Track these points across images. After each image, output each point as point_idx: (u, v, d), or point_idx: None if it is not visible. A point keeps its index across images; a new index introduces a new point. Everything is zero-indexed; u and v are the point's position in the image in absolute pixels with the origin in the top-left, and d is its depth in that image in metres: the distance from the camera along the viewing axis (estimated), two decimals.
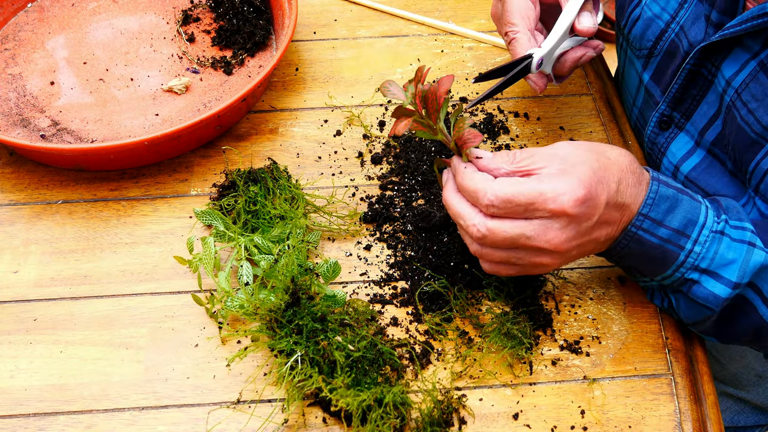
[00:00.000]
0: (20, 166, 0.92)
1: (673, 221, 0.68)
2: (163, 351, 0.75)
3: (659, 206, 0.67)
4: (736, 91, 0.75)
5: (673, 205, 0.68)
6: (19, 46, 1.04)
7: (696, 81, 0.81)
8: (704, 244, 0.68)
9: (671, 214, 0.68)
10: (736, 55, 0.75)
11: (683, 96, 0.83)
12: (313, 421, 0.70)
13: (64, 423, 0.70)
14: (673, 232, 0.68)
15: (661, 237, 0.68)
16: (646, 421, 0.71)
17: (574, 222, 0.64)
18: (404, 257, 0.82)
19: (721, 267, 0.68)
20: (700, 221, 0.68)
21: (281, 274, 0.74)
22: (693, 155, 0.84)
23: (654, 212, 0.67)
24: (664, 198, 0.68)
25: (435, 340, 0.75)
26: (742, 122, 0.74)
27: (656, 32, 0.86)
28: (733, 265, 0.68)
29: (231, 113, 0.92)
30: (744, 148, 0.75)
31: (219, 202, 0.84)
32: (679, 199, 0.68)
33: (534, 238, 0.65)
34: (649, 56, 0.89)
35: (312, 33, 1.09)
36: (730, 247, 0.68)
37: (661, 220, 0.67)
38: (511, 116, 0.97)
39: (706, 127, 0.82)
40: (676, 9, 0.84)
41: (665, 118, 0.86)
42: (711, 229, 0.68)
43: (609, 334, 0.77)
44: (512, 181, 0.65)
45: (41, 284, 0.80)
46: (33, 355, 0.75)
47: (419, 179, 0.89)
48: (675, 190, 0.69)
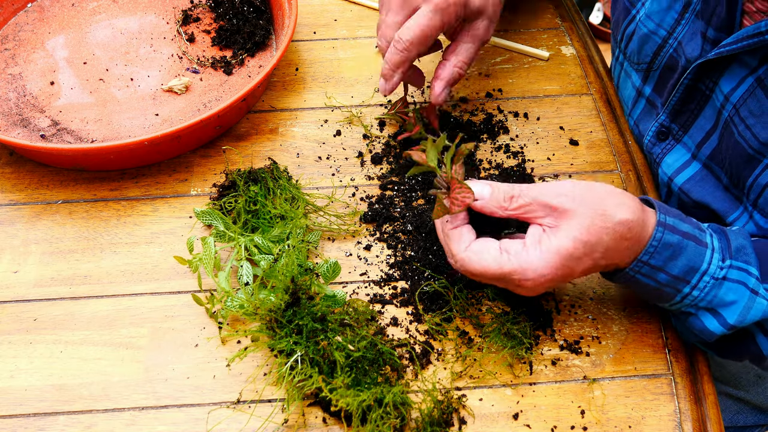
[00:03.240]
0: (20, 166, 0.92)
1: (674, 268, 0.66)
2: (163, 351, 0.75)
3: (661, 254, 0.66)
4: (734, 107, 0.75)
5: (676, 253, 0.66)
6: (19, 46, 1.04)
7: (694, 95, 0.81)
8: (703, 290, 0.67)
9: (673, 261, 0.66)
10: (733, 70, 0.75)
11: (682, 109, 0.83)
12: (313, 421, 0.70)
13: (64, 423, 0.70)
14: (671, 278, 0.67)
15: (658, 281, 0.67)
16: (646, 421, 0.71)
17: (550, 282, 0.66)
18: (404, 257, 0.82)
19: (721, 307, 0.67)
20: (703, 268, 0.67)
21: (281, 274, 0.74)
22: (688, 167, 0.84)
23: (654, 260, 0.66)
24: (667, 246, 0.66)
25: (435, 340, 0.75)
26: (740, 138, 0.74)
27: (654, 48, 0.87)
28: (734, 307, 0.67)
29: (231, 113, 0.92)
30: (741, 164, 0.75)
31: (219, 202, 0.84)
32: (683, 246, 0.66)
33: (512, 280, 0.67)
34: (649, 70, 0.89)
35: (312, 33, 1.09)
36: (730, 289, 0.67)
37: (662, 266, 0.66)
38: (511, 116, 0.97)
39: (702, 140, 0.82)
40: (672, 25, 0.84)
41: (664, 129, 0.86)
42: (713, 276, 0.67)
43: (609, 334, 0.77)
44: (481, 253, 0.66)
45: (41, 284, 0.80)
46: (33, 355, 0.75)
47: (419, 179, 0.89)
48: (681, 235, 0.66)
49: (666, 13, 0.84)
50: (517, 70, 1.03)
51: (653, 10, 0.86)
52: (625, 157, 0.93)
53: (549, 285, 0.66)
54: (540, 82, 1.02)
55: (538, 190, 0.66)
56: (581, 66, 1.04)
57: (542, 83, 1.02)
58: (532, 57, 1.05)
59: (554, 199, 0.65)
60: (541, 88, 1.01)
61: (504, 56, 1.05)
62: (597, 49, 1.07)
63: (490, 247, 0.66)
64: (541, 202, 0.66)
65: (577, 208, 0.65)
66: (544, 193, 0.66)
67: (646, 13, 0.87)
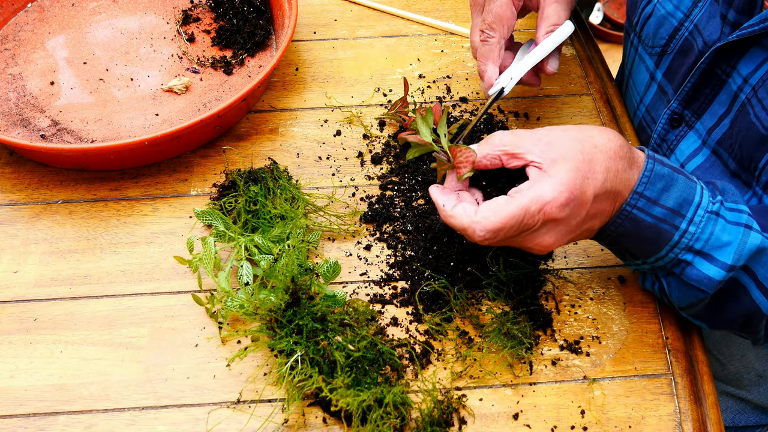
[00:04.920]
0: (20, 166, 0.92)
1: (668, 200, 0.67)
2: (163, 351, 0.75)
3: (654, 185, 0.67)
4: (753, 89, 0.75)
5: (668, 184, 0.67)
6: (19, 46, 1.04)
7: (710, 80, 0.81)
8: (699, 225, 0.67)
9: (666, 193, 0.67)
10: (753, 53, 0.75)
11: (696, 95, 0.83)
12: (313, 421, 0.70)
13: (64, 423, 0.70)
14: (668, 211, 0.67)
15: (655, 216, 0.67)
16: (646, 421, 0.71)
17: (562, 223, 0.66)
18: (404, 257, 0.82)
19: (716, 249, 0.68)
20: (696, 201, 0.68)
21: (281, 274, 0.74)
22: (698, 155, 0.84)
23: (649, 191, 0.67)
24: (659, 177, 0.67)
25: (435, 340, 0.75)
26: (755, 119, 0.74)
27: (669, 30, 0.86)
28: (729, 248, 0.68)
29: (231, 113, 0.92)
30: (754, 146, 0.75)
31: (219, 202, 0.84)
32: (674, 178, 0.68)
33: (526, 241, 0.67)
34: (662, 54, 0.89)
35: (312, 33, 1.09)
36: (725, 229, 0.68)
37: (657, 198, 0.67)
38: (511, 116, 0.97)
39: (714, 126, 0.82)
40: (689, 7, 0.84)
41: (676, 115, 0.86)
42: (706, 209, 0.68)
43: (609, 334, 0.77)
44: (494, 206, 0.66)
45: (41, 284, 0.80)
46: (33, 355, 0.75)
47: (419, 179, 0.89)
48: (670, 169, 0.68)
49: None
50: None
51: None
52: None
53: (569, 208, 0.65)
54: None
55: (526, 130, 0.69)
56: (581, 66, 1.04)
57: (542, 83, 1.01)
58: None
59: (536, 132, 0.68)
60: (541, 88, 1.01)
61: None
62: (597, 49, 1.07)
63: (497, 200, 0.66)
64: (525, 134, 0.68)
65: (563, 138, 0.67)
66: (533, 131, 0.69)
67: None
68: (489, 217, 0.65)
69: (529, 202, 0.64)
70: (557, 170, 0.65)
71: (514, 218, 0.64)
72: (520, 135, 0.68)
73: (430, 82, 1.01)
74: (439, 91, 1.00)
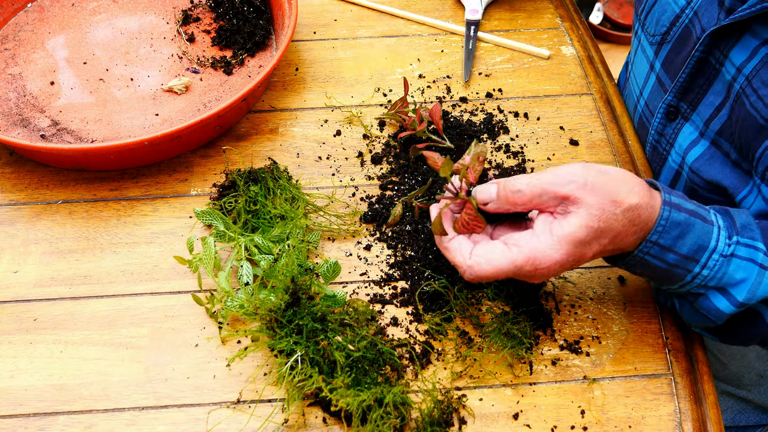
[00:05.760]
0: (20, 166, 0.92)
1: (682, 248, 0.66)
2: (163, 351, 0.75)
3: (669, 233, 0.66)
4: (746, 78, 0.75)
5: (684, 231, 0.66)
6: (19, 46, 1.04)
7: (704, 70, 0.81)
8: (713, 268, 0.67)
9: (681, 240, 0.66)
10: (746, 41, 0.75)
11: (690, 86, 0.83)
12: (313, 421, 0.70)
13: (64, 423, 0.70)
14: (681, 258, 0.66)
15: (668, 262, 0.67)
16: (646, 421, 0.71)
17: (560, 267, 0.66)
18: (404, 257, 0.82)
19: (730, 286, 0.67)
20: (711, 246, 0.66)
21: (281, 274, 0.73)
22: (697, 145, 0.84)
23: (663, 239, 0.66)
24: (675, 225, 0.66)
25: (435, 340, 0.75)
26: (751, 108, 0.74)
27: (671, 17, 0.86)
28: (743, 285, 0.67)
29: (231, 113, 0.92)
30: (752, 135, 0.75)
31: (219, 202, 0.84)
32: (691, 224, 0.66)
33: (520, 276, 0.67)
34: (662, 42, 0.89)
35: (312, 33, 1.09)
36: (739, 267, 0.67)
37: (671, 246, 0.66)
38: (511, 116, 0.97)
39: (711, 117, 0.81)
40: None
41: (672, 108, 0.86)
42: (721, 254, 0.67)
43: (609, 334, 0.77)
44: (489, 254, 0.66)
45: (41, 284, 0.80)
46: (33, 355, 0.75)
47: (419, 179, 0.89)
48: (687, 213, 0.66)
49: None
50: (517, 70, 1.03)
51: None
52: (625, 157, 0.93)
53: (560, 270, 0.66)
54: (540, 82, 1.02)
55: (548, 180, 0.65)
56: (581, 66, 1.04)
57: (542, 83, 1.01)
58: (532, 56, 1.05)
59: (564, 188, 0.65)
60: (541, 88, 1.01)
61: (504, 56, 1.05)
62: (597, 49, 1.07)
63: (494, 247, 0.66)
64: (551, 193, 0.65)
65: (588, 197, 0.64)
66: (554, 182, 0.65)
67: None
68: (481, 264, 0.66)
69: (523, 262, 0.65)
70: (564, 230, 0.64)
71: (505, 272, 0.65)
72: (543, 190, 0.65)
73: (430, 82, 1.01)
74: (439, 91, 1.00)
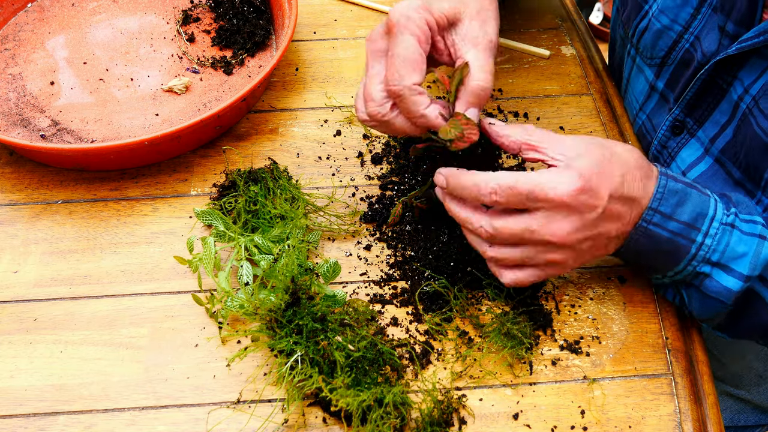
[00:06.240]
0: (20, 166, 0.92)
1: (683, 215, 0.68)
2: (163, 351, 0.75)
3: (668, 200, 0.68)
4: (753, 98, 0.75)
5: (682, 199, 0.68)
6: (19, 46, 1.04)
7: (711, 90, 0.81)
8: (715, 237, 0.68)
9: (681, 207, 0.68)
10: (753, 63, 0.75)
11: (697, 103, 0.83)
12: (313, 421, 0.70)
13: (64, 423, 0.70)
14: (683, 225, 0.68)
15: (671, 231, 0.68)
16: (646, 421, 0.71)
17: (575, 212, 0.65)
18: (404, 257, 0.82)
19: (733, 260, 0.68)
20: (710, 214, 0.68)
21: (281, 274, 0.74)
22: (701, 163, 0.84)
23: (663, 206, 0.68)
24: (673, 192, 0.68)
25: (435, 340, 0.75)
26: (758, 129, 0.74)
27: (669, 43, 0.86)
28: (745, 258, 0.68)
29: (231, 113, 0.92)
30: (759, 155, 0.75)
31: (219, 202, 0.84)
32: (688, 192, 0.69)
33: (538, 231, 0.66)
34: (662, 65, 0.88)
35: (312, 33, 1.09)
36: (741, 240, 0.68)
37: (671, 213, 0.68)
38: (511, 116, 0.97)
39: (716, 135, 0.81)
40: (688, 20, 0.83)
41: (678, 123, 0.86)
42: (721, 222, 0.68)
43: (609, 334, 0.77)
44: (511, 172, 0.66)
45: (41, 284, 0.80)
46: (33, 355, 0.75)
47: (419, 179, 0.89)
48: (683, 184, 0.69)
49: (681, 8, 0.84)
50: (517, 70, 1.03)
51: (666, 5, 0.85)
52: None
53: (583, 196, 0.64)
54: (540, 82, 1.02)
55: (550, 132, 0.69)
56: (581, 66, 1.04)
57: (542, 83, 1.02)
58: (532, 56, 1.05)
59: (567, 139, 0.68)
60: (541, 88, 1.01)
61: (504, 56, 1.05)
62: (597, 49, 1.07)
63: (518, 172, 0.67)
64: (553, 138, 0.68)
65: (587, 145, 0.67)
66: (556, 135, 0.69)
67: (660, 9, 0.86)
68: (505, 175, 0.65)
69: (544, 180, 0.64)
70: (576, 163, 0.65)
71: (527, 184, 0.64)
72: (548, 135, 0.68)
73: (430, 82, 1.01)
74: (440, 92, 1.00)
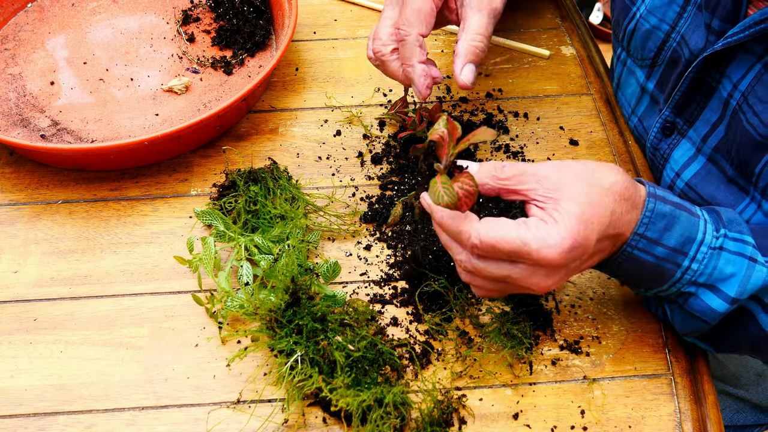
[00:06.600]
0: (20, 166, 0.92)
1: (670, 240, 0.66)
2: (163, 351, 0.75)
3: (655, 224, 0.65)
4: (742, 95, 0.74)
5: (670, 223, 0.65)
6: (19, 46, 1.04)
7: (700, 88, 0.80)
8: (702, 261, 0.66)
9: (668, 232, 0.65)
10: (740, 59, 0.75)
11: (686, 102, 0.82)
12: (313, 421, 0.70)
13: (64, 423, 0.70)
14: (669, 250, 0.66)
15: (657, 256, 0.66)
16: (646, 421, 0.71)
17: (560, 268, 0.63)
18: (404, 257, 0.82)
19: (720, 281, 0.66)
20: (698, 238, 0.66)
21: (281, 274, 0.74)
22: (694, 162, 0.84)
23: (650, 231, 0.65)
24: (660, 216, 0.65)
25: (435, 340, 0.75)
26: (748, 125, 0.74)
27: (657, 43, 0.86)
28: (733, 280, 0.66)
29: (231, 113, 0.92)
30: (750, 151, 0.75)
31: (219, 202, 0.84)
32: (676, 216, 0.66)
33: (520, 280, 0.64)
34: (653, 66, 0.89)
35: (312, 33, 1.09)
36: (729, 261, 0.66)
37: (658, 239, 0.65)
38: (511, 116, 0.97)
39: (708, 133, 0.81)
40: (674, 19, 0.83)
41: (668, 124, 0.86)
42: (710, 246, 0.66)
43: (609, 334, 0.77)
44: (496, 223, 0.63)
45: (41, 284, 0.80)
46: (33, 355, 0.75)
47: (419, 179, 0.89)
48: (672, 205, 0.66)
49: (668, 7, 0.84)
50: (517, 70, 1.03)
51: (654, 5, 0.85)
52: (625, 157, 0.93)
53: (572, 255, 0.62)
54: (540, 82, 1.02)
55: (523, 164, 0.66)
56: (581, 66, 1.04)
57: (542, 83, 1.02)
58: (532, 56, 1.05)
59: (542, 170, 0.65)
60: (541, 88, 1.01)
61: (504, 56, 1.05)
62: (597, 49, 1.07)
63: (505, 220, 0.64)
64: (529, 171, 0.65)
65: (569, 179, 0.64)
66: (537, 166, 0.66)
67: (647, 9, 0.87)
68: (489, 230, 0.62)
69: (530, 238, 0.61)
70: (562, 216, 0.62)
71: (511, 244, 0.62)
72: (523, 170, 0.65)
73: None
74: (440, 92, 1.00)
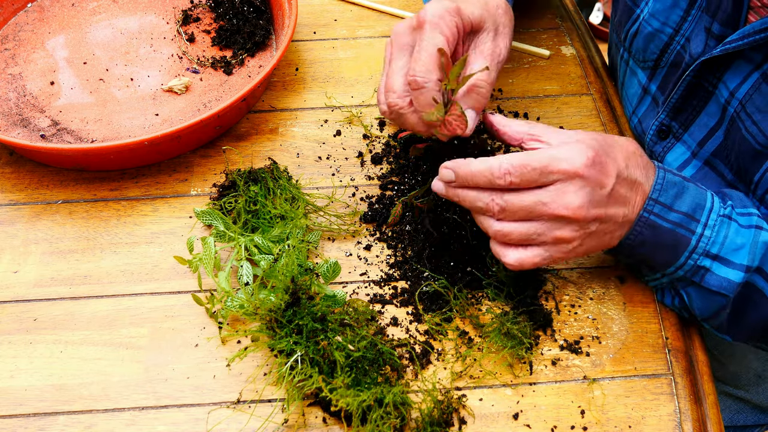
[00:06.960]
0: (20, 166, 0.92)
1: (682, 205, 0.69)
2: (163, 351, 0.75)
3: (668, 191, 0.69)
4: (740, 103, 0.75)
5: (680, 191, 0.70)
6: (19, 46, 1.04)
7: (696, 92, 0.81)
8: (713, 228, 0.69)
9: (680, 199, 0.69)
10: (738, 66, 0.75)
11: (683, 106, 0.83)
12: (313, 421, 0.70)
13: (64, 423, 0.70)
14: (683, 215, 0.69)
15: (672, 221, 0.69)
16: (646, 421, 0.71)
17: (587, 185, 0.66)
18: (404, 257, 0.82)
19: (732, 252, 0.69)
20: (708, 206, 0.70)
21: (281, 274, 0.74)
22: (688, 166, 0.84)
23: (663, 197, 0.69)
24: (671, 183, 0.70)
25: (435, 340, 0.75)
26: (747, 133, 0.74)
27: (660, 45, 0.86)
28: (743, 250, 0.69)
29: (231, 113, 0.92)
30: (749, 159, 0.75)
31: (219, 202, 0.84)
32: (685, 185, 0.70)
33: (550, 204, 0.66)
34: (655, 68, 0.89)
35: (312, 33, 1.09)
36: (739, 232, 0.70)
37: (671, 204, 0.69)
38: (511, 116, 0.97)
39: (705, 138, 0.82)
40: (678, 22, 0.84)
41: (664, 127, 0.86)
42: (719, 213, 0.70)
43: (609, 334, 0.77)
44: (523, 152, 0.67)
45: (41, 284, 0.80)
46: (33, 355, 0.75)
47: (419, 179, 0.89)
48: (681, 178, 0.71)
49: (671, 11, 0.84)
50: (517, 70, 1.03)
51: (657, 8, 0.85)
52: None
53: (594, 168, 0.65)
54: (540, 82, 1.02)
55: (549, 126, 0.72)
56: (581, 66, 1.04)
57: (542, 83, 1.02)
58: (532, 56, 1.05)
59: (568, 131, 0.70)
60: (541, 88, 1.01)
61: None
62: (597, 49, 1.07)
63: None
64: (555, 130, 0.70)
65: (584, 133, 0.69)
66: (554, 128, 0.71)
67: (650, 12, 0.87)
68: (517, 155, 0.66)
69: (557, 152, 0.66)
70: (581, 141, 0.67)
71: (541, 159, 0.65)
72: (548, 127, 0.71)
73: None
74: None
